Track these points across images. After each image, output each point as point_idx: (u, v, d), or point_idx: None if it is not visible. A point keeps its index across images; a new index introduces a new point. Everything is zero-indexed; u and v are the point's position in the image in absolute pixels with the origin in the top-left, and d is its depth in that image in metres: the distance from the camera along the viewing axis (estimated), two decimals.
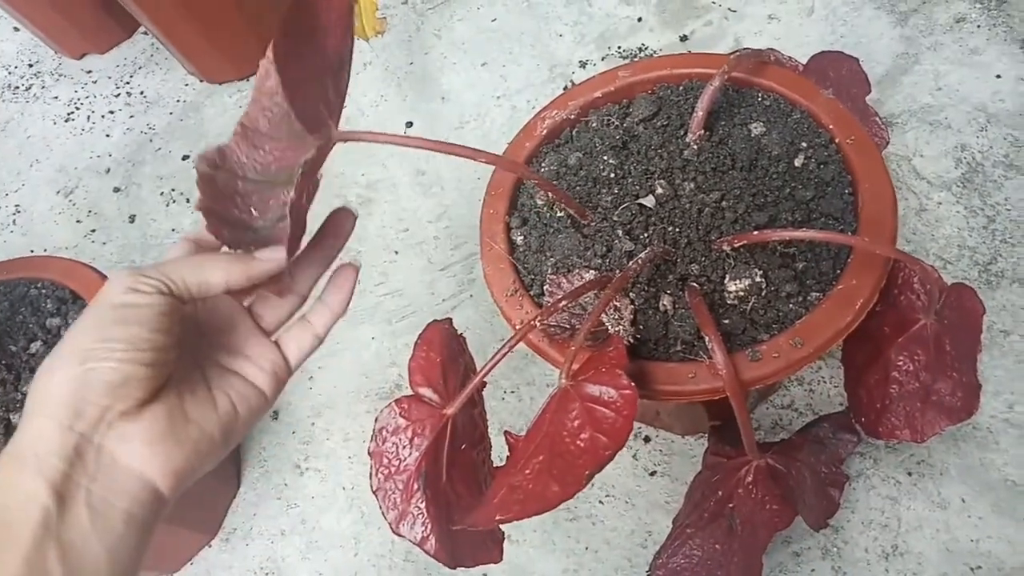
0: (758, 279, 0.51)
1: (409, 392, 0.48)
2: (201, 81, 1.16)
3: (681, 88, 0.63)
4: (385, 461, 0.46)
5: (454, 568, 0.46)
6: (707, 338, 0.48)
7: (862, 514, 0.67)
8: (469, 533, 0.46)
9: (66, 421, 0.34)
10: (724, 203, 0.54)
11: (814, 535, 0.66)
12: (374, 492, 0.46)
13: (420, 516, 0.45)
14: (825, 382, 0.73)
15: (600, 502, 0.72)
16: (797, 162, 0.56)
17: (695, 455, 0.72)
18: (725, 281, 0.51)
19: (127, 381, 0.34)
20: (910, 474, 0.68)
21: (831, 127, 0.57)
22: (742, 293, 0.50)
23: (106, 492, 0.34)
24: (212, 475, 0.77)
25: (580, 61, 1.03)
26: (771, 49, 0.65)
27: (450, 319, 0.51)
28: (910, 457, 0.68)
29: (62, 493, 0.33)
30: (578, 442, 0.42)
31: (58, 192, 1.10)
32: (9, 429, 0.61)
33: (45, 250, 1.05)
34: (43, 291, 0.70)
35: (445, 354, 0.49)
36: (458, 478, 0.47)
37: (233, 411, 0.40)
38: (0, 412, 0.62)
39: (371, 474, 0.47)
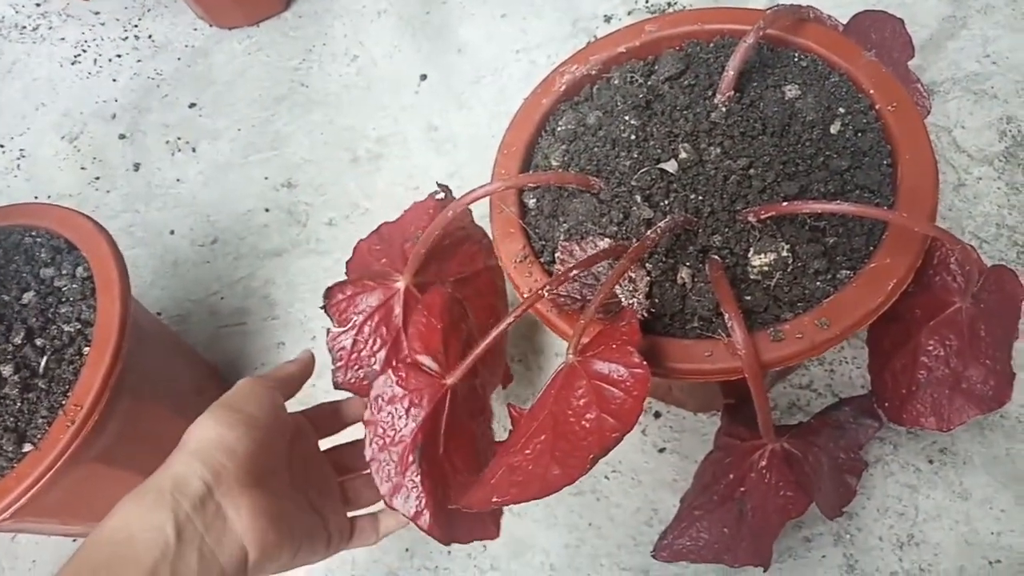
0: (784, 253, 0.47)
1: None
2: (210, 26, 1.12)
3: (711, 45, 0.58)
4: (380, 431, 0.44)
5: (447, 544, 0.44)
6: (727, 315, 0.45)
7: (878, 501, 0.64)
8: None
9: (207, 473, 0.42)
10: (752, 171, 0.50)
11: (827, 520, 0.64)
12: (368, 463, 0.44)
13: (415, 490, 0.43)
14: (847, 363, 0.70)
15: (606, 477, 0.70)
16: (833, 129, 0.52)
17: (707, 433, 0.70)
18: (749, 255, 0.48)
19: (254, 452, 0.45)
20: (931, 462, 0.65)
21: (872, 92, 0.53)
22: (766, 268, 0.47)
23: (214, 544, 0.41)
24: None
25: (605, 15, 0.98)
26: (810, 6, 0.61)
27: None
28: (932, 444, 0.65)
29: (181, 533, 0.40)
30: (583, 423, 0.39)
31: (63, 137, 1.08)
32: None
33: (49, 197, 1.02)
34: (38, 240, 0.67)
35: (446, 320, 0.47)
36: (456, 450, 0.45)
37: (324, 528, 0.50)
38: None
39: (366, 444, 0.45)
